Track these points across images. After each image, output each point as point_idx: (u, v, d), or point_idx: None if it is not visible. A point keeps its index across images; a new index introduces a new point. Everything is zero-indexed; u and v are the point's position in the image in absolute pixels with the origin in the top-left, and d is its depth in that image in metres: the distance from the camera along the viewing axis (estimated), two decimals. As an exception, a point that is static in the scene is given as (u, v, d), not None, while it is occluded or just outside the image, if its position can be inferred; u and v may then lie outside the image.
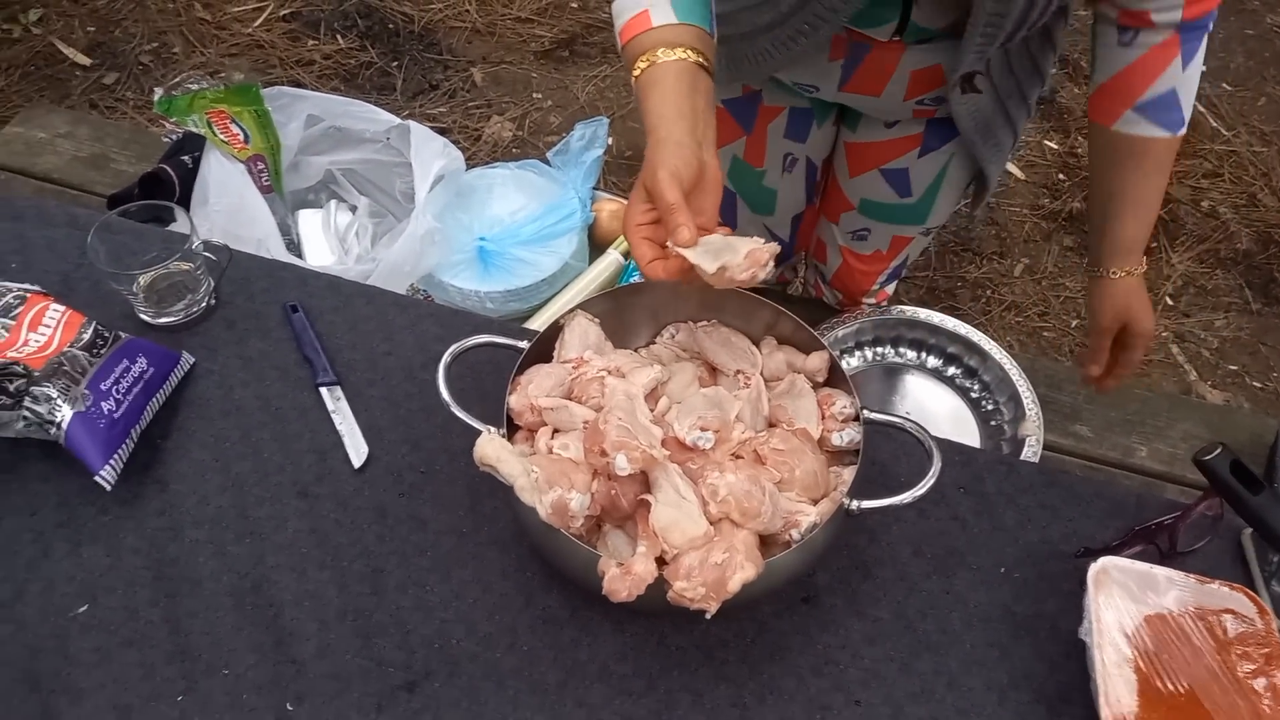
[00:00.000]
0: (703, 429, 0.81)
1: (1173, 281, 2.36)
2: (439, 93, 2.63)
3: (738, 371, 0.91)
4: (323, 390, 1.00)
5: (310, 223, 1.71)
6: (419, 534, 0.91)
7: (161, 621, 0.85)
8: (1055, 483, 0.99)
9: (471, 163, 2.03)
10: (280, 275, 1.10)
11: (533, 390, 0.85)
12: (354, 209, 1.78)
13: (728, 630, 0.87)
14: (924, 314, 1.48)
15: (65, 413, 0.87)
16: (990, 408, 1.43)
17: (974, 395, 1.45)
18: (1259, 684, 0.80)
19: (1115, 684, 0.80)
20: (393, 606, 0.87)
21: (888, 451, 0.98)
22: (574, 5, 2.89)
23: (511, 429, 0.86)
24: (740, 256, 0.78)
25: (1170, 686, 0.81)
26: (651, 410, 0.85)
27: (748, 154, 1.37)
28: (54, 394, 0.88)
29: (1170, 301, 2.33)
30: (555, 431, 0.84)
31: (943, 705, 0.84)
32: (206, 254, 1.04)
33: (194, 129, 1.54)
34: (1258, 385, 2.19)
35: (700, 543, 0.75)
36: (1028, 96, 1.19)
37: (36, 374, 0.88)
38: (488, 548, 0.91)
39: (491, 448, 0.79)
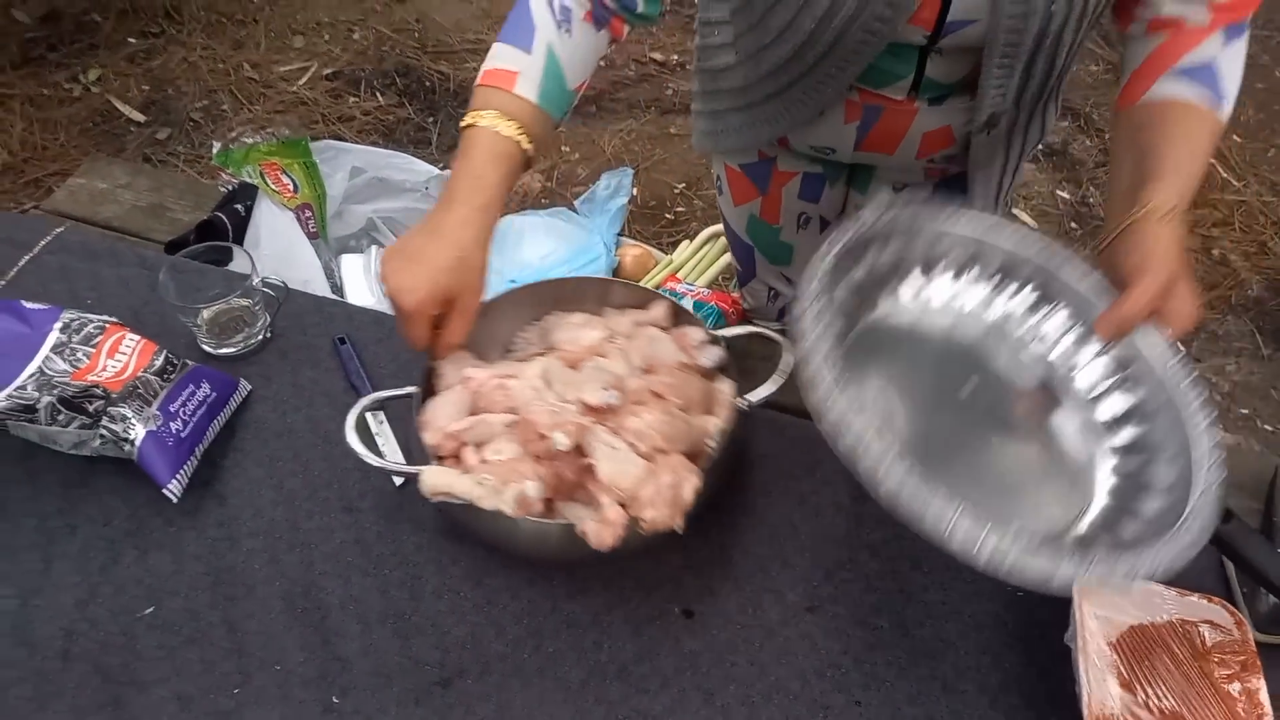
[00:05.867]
0: (606, 389, 0.91)
1: (1183, 326, 2.41)
2: (473, 146, 2.75)
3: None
4: (367, 415, 1.09)
5: (352, 266, 1.81)
6: (454, 545, 0.99)
7: (220, 622, 0.93)
8: (1048, 505, 1.05)
9: (503, 212, 2.13)
10: (330, 311, 1.20)
11: (441, 421, 0.93)
12: (393, 254, 1.88)
13: (738, 636, 0.94)
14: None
15: (139, 431, 0.96)
16: (996, 442, 1.49)
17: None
18: (1234, 688, 0.86)
19: (1099, 689, 0.86)
20: (429, 610, 0.94)
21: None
22: (601, 63, 3.02)
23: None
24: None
25: (1151, 692, 0.87)
26: (552, 396, 0.95)
27: (764, 212, 1.42)
28: (129, 414, 0.97)
29: (1181, 347, 2.38)
30: (479, 446, 0.92)
31: (938, 707, 0.90)
32: (265, 290, 1.14)
33: (248, 179, 1.65)
34: (1269, 429, 2.23)
35: (646, 478, 0.85)
36: (1027, 145, 1.25)
37: (114, 395, 0.97)
38: (516, 558, 0.99)
39: (441, 477, 0.87)
